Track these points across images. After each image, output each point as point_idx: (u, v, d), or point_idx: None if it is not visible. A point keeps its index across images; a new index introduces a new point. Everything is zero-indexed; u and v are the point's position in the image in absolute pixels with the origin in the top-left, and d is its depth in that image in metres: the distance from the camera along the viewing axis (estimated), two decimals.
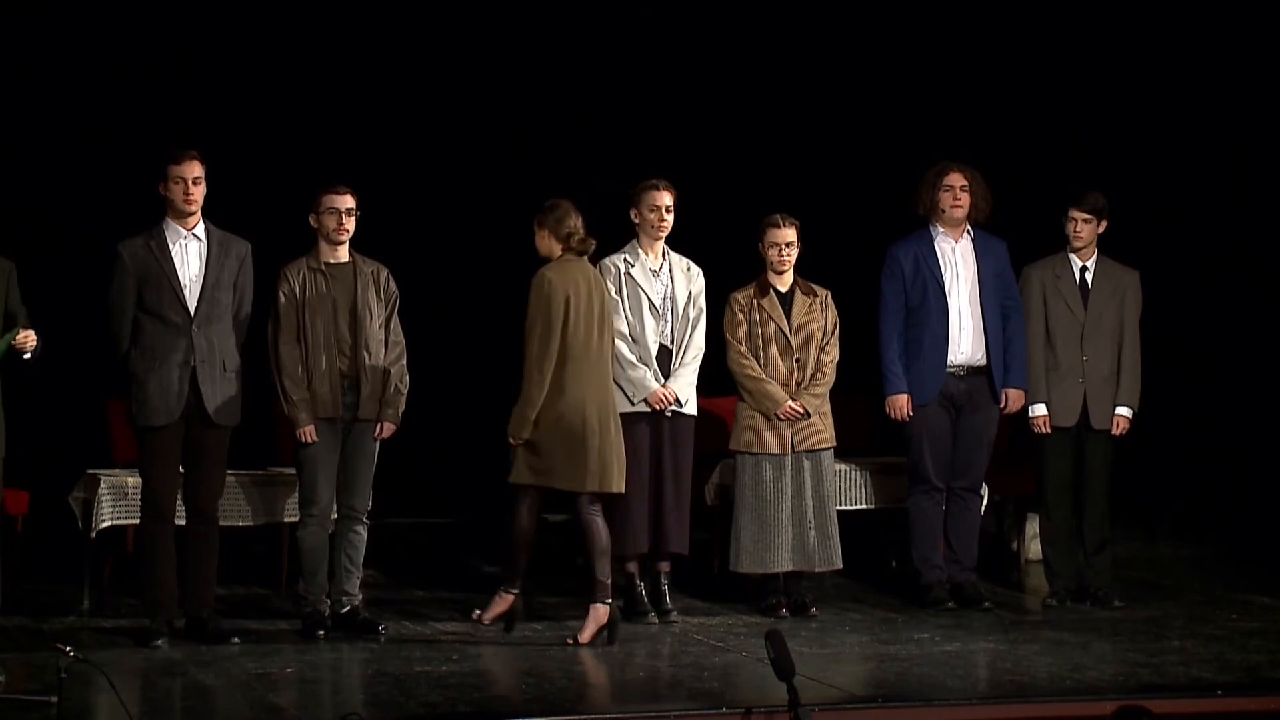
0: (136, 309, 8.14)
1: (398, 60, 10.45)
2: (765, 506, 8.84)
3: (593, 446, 8.16)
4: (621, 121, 10.45)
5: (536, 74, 10.52)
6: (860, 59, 10.79)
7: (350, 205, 8.36)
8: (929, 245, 9.13)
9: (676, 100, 10.60)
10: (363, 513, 8.44)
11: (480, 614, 8.53)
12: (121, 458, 8.94)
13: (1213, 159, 10.29)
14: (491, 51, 10.49)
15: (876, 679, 7.74)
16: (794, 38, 10.77)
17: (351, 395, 8.34)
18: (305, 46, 10.28)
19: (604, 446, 8.19)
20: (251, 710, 7.07)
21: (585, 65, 10.55)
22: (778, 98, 10.79)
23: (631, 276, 8.78)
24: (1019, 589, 9.77)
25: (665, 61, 10.61)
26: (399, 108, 10.44)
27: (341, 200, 8.35)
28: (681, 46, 10.62)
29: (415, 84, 10.47)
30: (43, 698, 6.56)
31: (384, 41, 10.41)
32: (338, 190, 8.37)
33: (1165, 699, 6.84)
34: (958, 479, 9.18)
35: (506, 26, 10.47)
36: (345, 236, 8.36)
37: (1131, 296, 9.29)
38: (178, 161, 8.15)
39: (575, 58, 10.54)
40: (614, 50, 10.56)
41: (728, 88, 10.71)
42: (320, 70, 10.34)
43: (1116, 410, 9.19)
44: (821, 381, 8.94)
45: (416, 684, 7.41)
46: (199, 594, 8.23)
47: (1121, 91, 10.75)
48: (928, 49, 10.76)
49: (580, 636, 8.14)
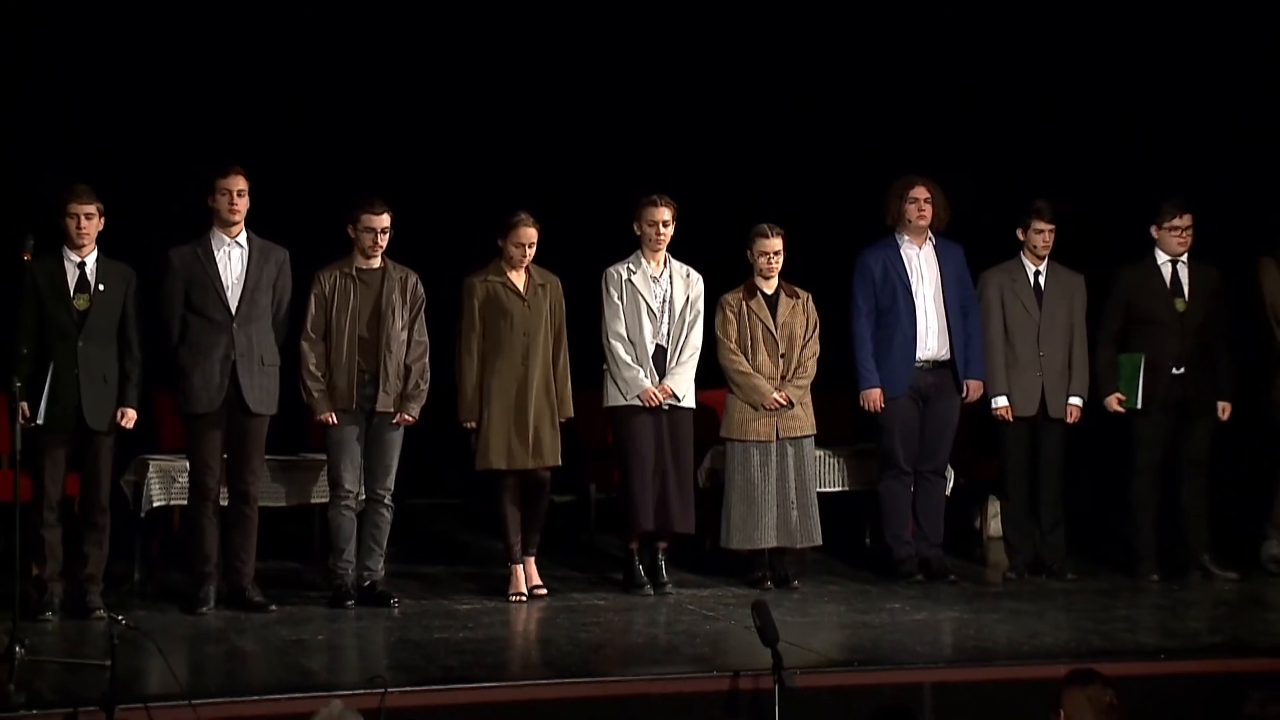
0: (184, 308, 8.15)
1: (423, 89, 10.45)
2: (752, 489, 8.84)
3: None
4: (629, 144, 10.45)
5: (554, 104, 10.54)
6: (836, 89, 10.81)
7: (386, 225, 8.34)
8: (895, 251, 9.11)
9: (678, 125, 10.62)
10: (386, 496, 8.42)
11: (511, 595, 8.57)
12: (169, 444, 8.90)
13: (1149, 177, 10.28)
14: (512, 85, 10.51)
15: (852, 645, 7.74)
16: (779, 74, 10.79)
17: (371, 389, 8.32)
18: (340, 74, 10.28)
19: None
20: (286, 673, 7.08)
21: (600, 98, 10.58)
22: (765, 123, 10.81)
23: (632, 283, 8.75)
24: (981, 563, 9.74)
25: (670, 94, 10.65)
26: (425, 130, 10.45)
27: (379, 220, 8.32)
28: (684, 82, 10.67)
29: (440, 110, 10.48)
30: (97, 662, 6.51)
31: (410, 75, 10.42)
32: (375, 210, 8.32)
33: (1113, 662, 6.82)
34: (925, 463, 9.16)
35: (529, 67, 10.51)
36: (379, 253, 8.35)
37: (1079, 297, 9.27)
38: (224, 176, 8.16)
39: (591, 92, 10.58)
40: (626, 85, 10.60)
41: (722, 116, 10.73)
42: (355, 93, 10.34)
43: (1070, 400, 9.19)
44: (804, 375, 8.93)
45: (435, 650, 7.42)
46: (239, 568, 8.22)
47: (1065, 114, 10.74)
48: (894, 79, 10.77)
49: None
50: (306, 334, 8.34)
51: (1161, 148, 10.44)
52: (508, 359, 8.48)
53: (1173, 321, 9.13)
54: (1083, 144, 10.67)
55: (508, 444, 8.46)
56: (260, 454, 8.30)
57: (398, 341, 8.37)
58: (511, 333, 8.48)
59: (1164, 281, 9.16)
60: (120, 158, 9.31)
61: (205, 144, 9.41)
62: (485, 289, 8.52)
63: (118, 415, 8.00)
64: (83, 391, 7.88)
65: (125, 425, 8.06)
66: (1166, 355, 9.10)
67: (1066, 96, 10.69)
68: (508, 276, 8.52)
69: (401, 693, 6.54)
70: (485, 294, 8.52)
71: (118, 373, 7.98)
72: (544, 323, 8.53)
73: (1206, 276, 9.20)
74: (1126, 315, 9.17)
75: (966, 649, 7.65)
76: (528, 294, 8.52)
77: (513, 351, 8.48)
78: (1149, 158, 10.37)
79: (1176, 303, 9.15)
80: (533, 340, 8.50)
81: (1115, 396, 9.14)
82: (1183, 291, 9.16)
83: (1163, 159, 10.31)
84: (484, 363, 8.51)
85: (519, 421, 8.47)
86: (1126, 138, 10.63)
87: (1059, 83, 10.70)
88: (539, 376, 8.50)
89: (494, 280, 8.53)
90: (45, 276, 7.77)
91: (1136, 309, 9.16)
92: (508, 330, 8.48)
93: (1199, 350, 9.15)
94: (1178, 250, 9.16)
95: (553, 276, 8.63)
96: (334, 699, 5.71)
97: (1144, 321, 9.15)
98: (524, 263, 8.52)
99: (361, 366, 8.33)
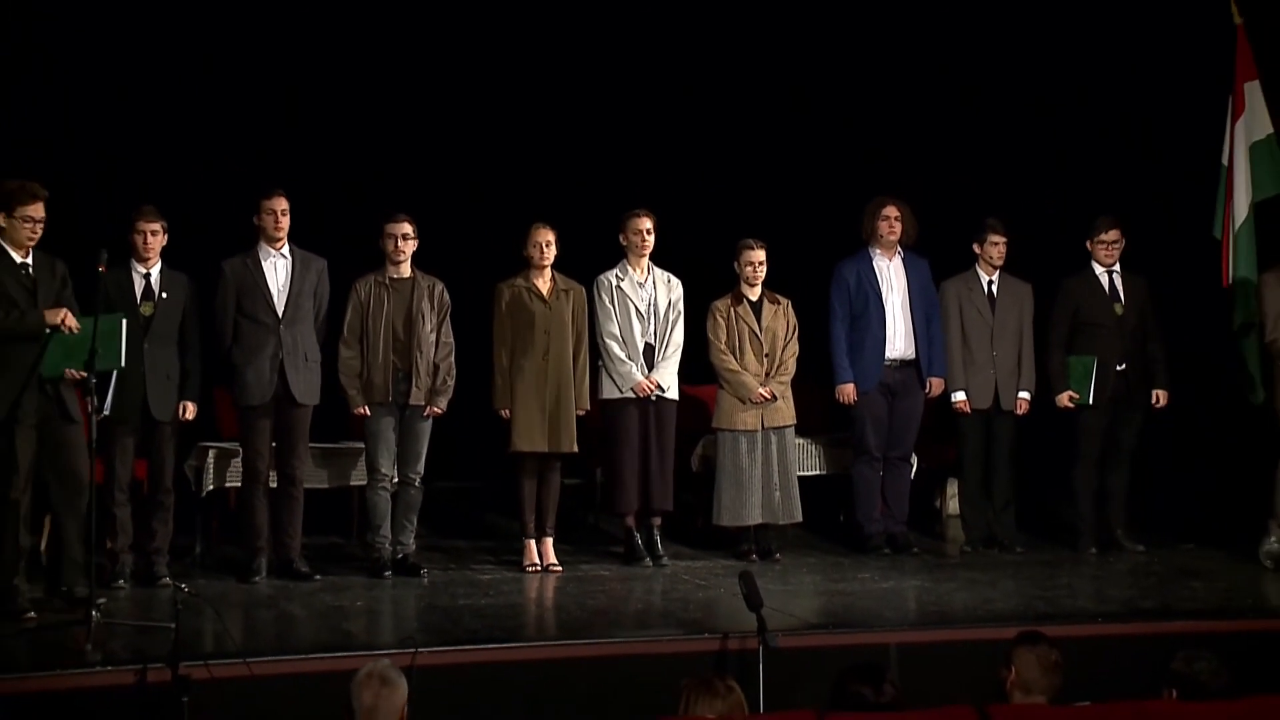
0: (236, 313, 8.17)
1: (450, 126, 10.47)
2: (740, 472, 8.83)
3: None
4: (621, 164, 10.43)
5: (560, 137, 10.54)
6: (813, 117, 10.78)
7: (406, 231, 8.36)
8: (868, 264, 9.12)
9: (668, 148, 10.58)
10: (417, 479, 8.42)
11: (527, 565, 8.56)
12: (225, 433, 8.91)
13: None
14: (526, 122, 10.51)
15: (827, 610, 7.75)
16: (762, 101, 10.78)
17: (404, 384, 8.33)
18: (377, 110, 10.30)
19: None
20: (329, 635, 7.10)
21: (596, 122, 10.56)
22: (749, 150, 10.77)
23: (621, 289, 8.76)
24: (941, 538, 9.73)
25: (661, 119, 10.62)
26: (451, 158, 10.44)
27: (398, 227, 8.36)
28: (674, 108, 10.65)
29: (459, 138, 10.47)
30: (164, 625, 6.55)
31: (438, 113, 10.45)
32: (395, 219, 8.38)
33: (1056, 625, 6.82)
34: (892, 450, 9.16)
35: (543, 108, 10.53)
36: (402, 258, 8.36)
37: (1027, 304, 9.28)
38: (268, 197, 8.19)
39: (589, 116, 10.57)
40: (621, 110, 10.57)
41: (711, 142, 10.70)
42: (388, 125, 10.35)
43: (1019, 394, 9.20)
44: (785, 373, 8.93)
45: (461, 615, 7.43)
46: (287, 542, 8.24)
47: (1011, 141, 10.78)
48: (866, 112, 10.74)
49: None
50: (344, 337, 8.36)
51: (1097, 171, 10.44)
52: (530, 355, 8.50)
53: (1113, 324, 9.15)
54: (1030, 166, 10.68)
55: (530, 430, 8.49)
56: (305, 441, 8.30)
57: (428, 342, 8.38)
58: (533, 332, 8.50)
59: (1103, 289, 9.19)
60: (179, 180, 9.31)
61: (252, 167, 9.41)
62: (511, 292, 8.55)
63: (179, 408, 8.04)
64: (148, 387, 7.90)
65: (186, 418, 8.09)
66: (1111, 354, 9.13)
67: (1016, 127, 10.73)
68: (532, 282, 8.54)
69: (431, 652, 6.57)
70: (511, 297, 8.55)
71: (179, 370, 8.00)
72: (565, 324, 8.54)
73: (1137, 284, 9.23)
74: (1073, 320, 9.20)
75: (928, 613, 7.66)
76: (550, 297, 8.53)
77: (535, 349, 8.49)
78: (1086, 180, 10.37)
79: (1115, 307, 9.17)
80: (554, 339, 8.50)
81: (1068, 394, 9.16)
82: (1120, 297, 9.19)
83: (1098, 181, 10.31)
84: (512, 358, 8.55)
85: (540, 410, 8.49)
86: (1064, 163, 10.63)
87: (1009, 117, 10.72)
88: (559, 371, 8.52)
89: (519, 285, 8.55)
90: (116, 286, 7.76)
91: (1082, 314, 9.18)
92: (530, 329, 8.50)
93: (1135, 349, 9.19)
94: (1107, 261, 9.18)
95: (577, 285, 8.65)
96: (380, 657, 5.64)
97: (1090, 325, 9.16)
98: (543, 263, 8.53)
99: (396, 365, 8.34)
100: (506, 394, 8.53)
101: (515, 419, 8.49)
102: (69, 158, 9.28)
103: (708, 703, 5.38)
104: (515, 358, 8.52)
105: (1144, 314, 9.20)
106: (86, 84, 9.67)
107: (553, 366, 8.50)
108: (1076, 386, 9.12)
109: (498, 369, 8.56)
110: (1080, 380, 9.11)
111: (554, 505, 8.62)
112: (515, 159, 10.45)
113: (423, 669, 6.34)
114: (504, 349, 8.54)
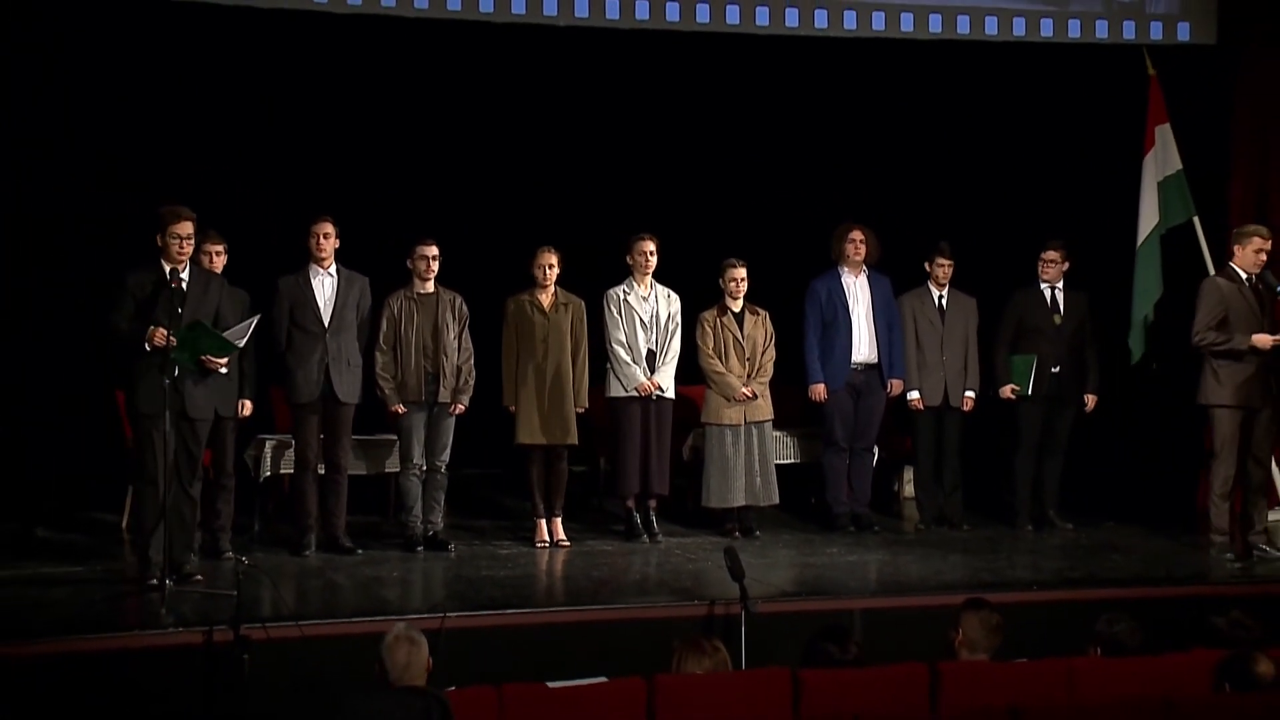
0: (289, 323, 8.20)
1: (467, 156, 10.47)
2: (726, 461, 8.84)
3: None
4: (623, 193, 10.44)
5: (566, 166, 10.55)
6: (788, 154, 10.79)
7: (435, 253, 8.39)
8: (838, 280, 9.14)
9: (664, 181, 10.59)
10: (443, 466, 8.45)
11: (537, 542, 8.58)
12: (280, 427, 8.92)
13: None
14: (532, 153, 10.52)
15: (801, 580, 7.76)
16: (744, 141, 10.78)
17: (433, 385, 8.36)
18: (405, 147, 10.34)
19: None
20: (369, 601, 7.11)
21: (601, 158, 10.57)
22: (734, 182, 10.77)
23: (628, 301, 8.78)
24: (899, 518, 9.69)
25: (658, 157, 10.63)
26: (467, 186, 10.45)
27: (428, 249, 8.39)
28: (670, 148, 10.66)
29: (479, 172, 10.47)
30: (227, 592, 6.63)
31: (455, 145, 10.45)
32: (425, 242, 8.40)
33: (998, 593, 6.83)
34: (858, 441, 9.17)
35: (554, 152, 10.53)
36: (431, 276, 8.40)
37: (973, 315, 9.31)
38: (316, 222, 8.21)
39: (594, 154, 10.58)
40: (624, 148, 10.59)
41: (700, 175, 10.70)
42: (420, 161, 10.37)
43: (966, 393, 9.23)
44: (764, 374, 8.94)
45: (483, 584, 7.45)
46: (333, 521, 8.25)
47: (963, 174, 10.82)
48: (836, 148, 10.74)
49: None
50: (379, 345, 8.39)
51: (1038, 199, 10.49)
52: (533, 360, 8.55)
53: (1052, 331, 9.19)
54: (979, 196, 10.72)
55: (530, 425, 8.52)
56: (348, 434, 8.31)
57: (452, 349, 8.41)
58: (534, 340, 8.55)
59: (1045, 301, 9.24)
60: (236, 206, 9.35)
61: (303, 197, 9.47)
62: (517, 305, 8.60)
63: (240, 405, 8.11)
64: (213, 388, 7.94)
65: (245, 414, 8.14)
66: (1048, 357, 9.19)
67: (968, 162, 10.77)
68: (536, 297, 8.60)
69: (457, 616, 6.62)
70: (516, 309, 8.60)
71: (239, 372, 8.02)
72: (564, 334, 8.59)
73: (1078, 299, 9.27)
74: (1017, 326, 9.25)
75: (887, 583, 7.69)
76: (550, 311, 8.58)
77: (535, 354, 8.54)
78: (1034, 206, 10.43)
79: (1055, 317, 9.22)
80: (551, 346, 8.54)
81: (1010, 387, 9.19)
82: (1059, 309, 9.25)
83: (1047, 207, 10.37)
84: (517, 362, 8.62)
85: (542, 407, 8.52)
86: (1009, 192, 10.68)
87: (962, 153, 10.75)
88: (559, 374, 8.55)
89: (524, 299, 8.61)
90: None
91: (1025, 321, 9.21)
92: (531, 338, 8.55)
93: (1071, 355, 9.25)
94: (1048, 277, 9.25)
95: (577, 299, 8.67)
96: (401, 621, 5.71)
97: (1032, 330, 9.19)
98: (546, 282, 8.56)
99: (426, 369, 8.38)
100: (513, 393, 8.59)
101: (518, 415, 8.53)
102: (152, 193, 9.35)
103: (696, 660, 5.46)
104: (521, 361, 8.58)
105: (1082, 324, 9.24)
106: (154, 130, 9.71)
107: (550, 370, 8.55)
108: (1018, 380, 9.17)
109: (506, 371, 8.63)
110: (1022, 375, 9.15)
111: (561, 489, 8.62)
112: (528, 190, 10.47)
113: (450, 631, 6.41)
114: (511, 354, 8.60)
